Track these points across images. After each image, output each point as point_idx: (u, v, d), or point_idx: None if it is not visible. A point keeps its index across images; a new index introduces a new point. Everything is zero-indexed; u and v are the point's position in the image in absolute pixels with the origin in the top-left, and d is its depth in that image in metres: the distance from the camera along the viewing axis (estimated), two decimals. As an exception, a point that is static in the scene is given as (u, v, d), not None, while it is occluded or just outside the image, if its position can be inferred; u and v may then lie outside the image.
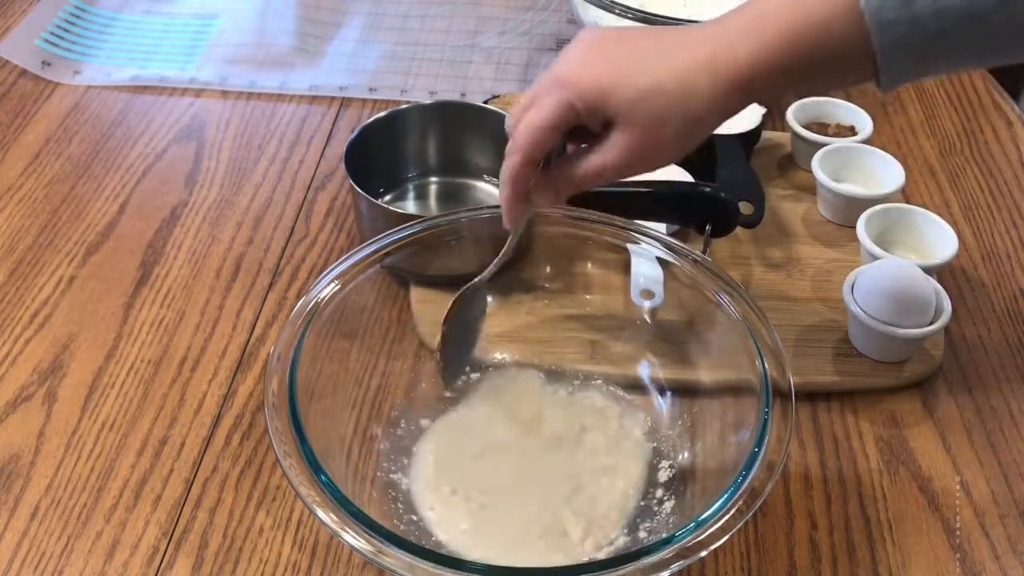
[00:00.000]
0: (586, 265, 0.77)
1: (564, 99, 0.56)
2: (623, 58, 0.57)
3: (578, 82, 0.56)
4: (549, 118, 0.57)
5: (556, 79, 0.57)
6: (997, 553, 0.65)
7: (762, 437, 0.57)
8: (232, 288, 0.83)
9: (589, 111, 0.56)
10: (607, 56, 0.57)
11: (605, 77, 0.56)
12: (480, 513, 0.65)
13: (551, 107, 0.57)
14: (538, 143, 0.58)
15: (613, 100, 0.56)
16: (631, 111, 0.56)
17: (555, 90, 0.57)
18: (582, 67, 0.57)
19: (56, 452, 0.70)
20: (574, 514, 0.64)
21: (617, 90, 0.55)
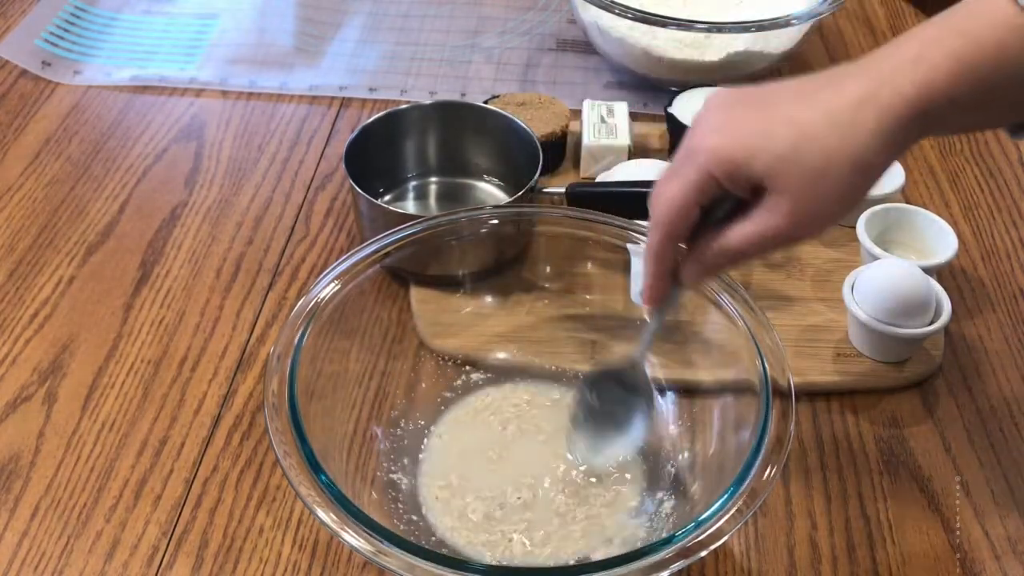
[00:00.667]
0: (586, 265, 0.77)
1: (701, 169, 0.51)
2: (760, 113, 0.50)
3: (713, 148, 0.50)
4: (686, 192, 0.51)
5: (689, 148, 0.52)
6: (997, 553, 0.65)
7: (762, 437, 0.57)
8: (232, 288, 0.83)
9: (730, 178, 0.51)
10: (741, 114, 0.51)
11: (744, 138, 0.50)
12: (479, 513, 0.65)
13: (687, 180, 0.51)
14: (677, 219, 0.53)
15: (757, 162, 0.49)
16: (782, 170, 0.49)
17: (690, 160, 0.51)
18: (716, 131, 0.51)
19: (56, 452, 0.70)
20: (573, 514, 0.64)
21: (760, 149, 0.49)
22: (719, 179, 0.50)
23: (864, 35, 1.17)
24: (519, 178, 0.84)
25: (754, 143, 0.49)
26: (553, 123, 0.91)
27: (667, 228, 0.53)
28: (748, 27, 0.97)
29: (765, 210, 0.51)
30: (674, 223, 0.53)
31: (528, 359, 0.75)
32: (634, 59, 1.03)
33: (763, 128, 0.50)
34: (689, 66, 1.01)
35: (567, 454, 0.67)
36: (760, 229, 0.51)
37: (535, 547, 0.63)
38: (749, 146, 0.49)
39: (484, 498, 0.65)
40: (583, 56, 1.12)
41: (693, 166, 0.51)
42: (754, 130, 0.50)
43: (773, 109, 0.50)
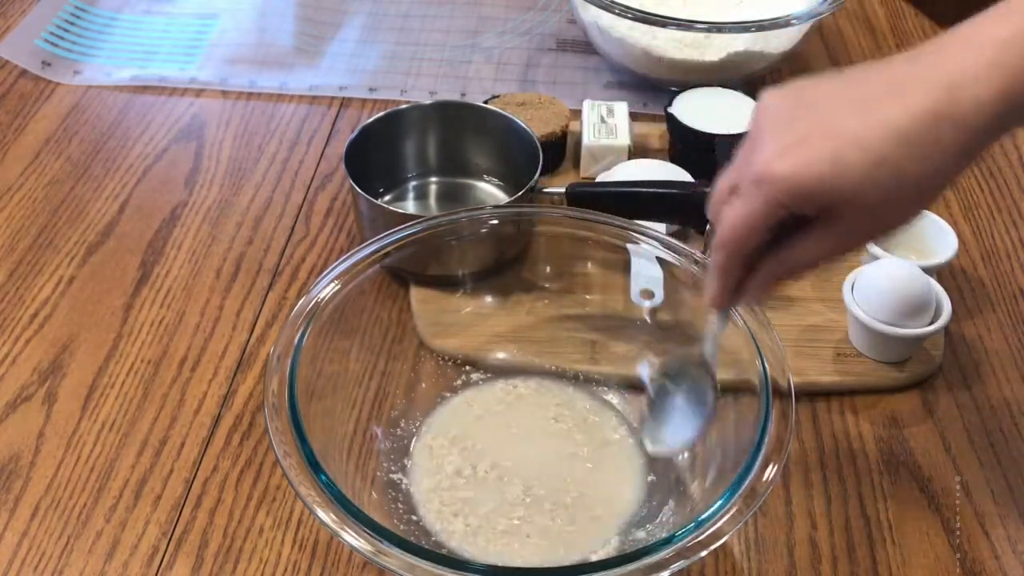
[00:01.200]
0: (586, 265, 0.77)
1: (771, 199, 0.49)
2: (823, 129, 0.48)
3: (784, 177, 0.48)
4: (754, 218, 0.50)
5: (758, 175, 0.49)
6: (997, 553, 0.65)
7: (762, 437, 0.57)
8: (232, 288, 0.83)
9: (800, 207, 0.49)
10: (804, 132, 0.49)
11: (817, 164, 0.47)
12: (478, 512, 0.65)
13: (756, 207, 0.50)
14: (744, 242, 0.52)
15: (830, 192, 0.48)
16: (854, 197, 0.48)
17: (760, 187, 0.49)
18: (781, 155, 0.48)
19: (56, 452, 0.70)
20: (573, 514, 0.64)
21: (832, 179, 0.47)
22: (789, 206, 0.49)
23: (864, 35, 1.17)
24: (519, 178, 0.84)
25: (826, 172, 0.47)
26: (553, 123, 0.91)
27: (733, 249, 0.52)
28: (748, 27, 0.97)
29: (832, 230, 0.50)
30: (741, 246, 0.52)
31: (528, 359, 0.75)
32: (634, 59, 1.03)
33: (832, 153, 0.47)
34: (689, 66, 1.01)
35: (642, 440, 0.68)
36: (826, 246, 0.51)
37: (535, 547, 0.63)
38: (820, 175, 0.47)
39: (484, 498, 0.65)
40: (583, 56, 1.12)
41: (761, 193, 0.49)
42: (823, 156, 0.48)
43: (837, 124, 0.48)
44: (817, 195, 0.48)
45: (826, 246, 0.51)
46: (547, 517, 0.64)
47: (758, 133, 0.51)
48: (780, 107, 0.51)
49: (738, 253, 0.52)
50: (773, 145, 0.49)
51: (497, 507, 0.65)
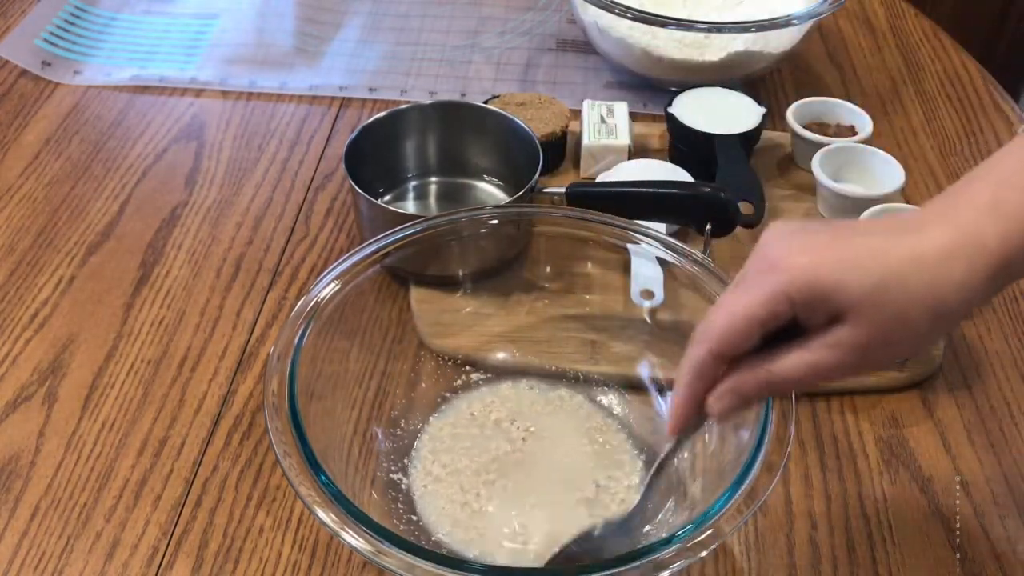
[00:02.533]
0: (586, 265, 0.77)
1: (780, 288, 0.46)
2: (843, 241, 0.47)
3: (801, 268, 0.46)
4: (757, 308, 0.47)
5: (771, 264, 0.47)
6: (997, 553, 0.65)
7: (762, 437, 0.57)
8: (232, 288, 0.83)
9: (809, 305, 0.46)
10: (823, 239, 0.47)
11: (832, 264, 0.46)
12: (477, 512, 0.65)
13: (763, 296, 0.47)
14: (736, 335, 0.48)
15: (844, 293, 0.45)
16: (866, 305, 0.45)
17: (769, 276, 0.47)
18: (801, 251, 0.47)
19: (56, 452, 0.70)
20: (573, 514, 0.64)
21: (849, 280, 0.45)
22: (796, 303, 0.46)
23: (864, 35, 1.17)
24: (519, 178, 0.84)
25: (844, 271, 0.46)
26: (553, 123, 0.91)
27: (721, 344, 0.48)
28: (748, 27, 0.97)
29: (833, 343, 0.47)
30: (730, 338, 0.48)
31: (528, 359, 0.75)
32: (634, 59, 1.03)
33: (849, 257, 0.46)
34: (689, 66, 1.01)
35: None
36: (822, 362, 0.47)
37: (535, 547, 0.63)
38: (839, 273, 0.46)
39: (484, 498, 0.65)
40: (583, 56, 1.12)
41: (770, 283, 0.47)
42: (843, 257, 0.46)
43: (855, 239, 0.47)
44: (829, 293, 0.46)
45: (821, 360, 0.47)
46: (547, 517, 0.64)
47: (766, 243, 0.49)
48: (790, 227, 0.49)
49: (724, 346, 0.48)
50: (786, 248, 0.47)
51: (497, 507, 0.65)
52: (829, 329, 0.47)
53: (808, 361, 0.47)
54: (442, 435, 0.70)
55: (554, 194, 0.84)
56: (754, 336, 0.48)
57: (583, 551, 0.59)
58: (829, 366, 0.47)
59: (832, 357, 0.47)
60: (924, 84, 1.09)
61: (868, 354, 0.47)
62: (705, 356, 0.49)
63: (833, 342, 0.47)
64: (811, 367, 0.47)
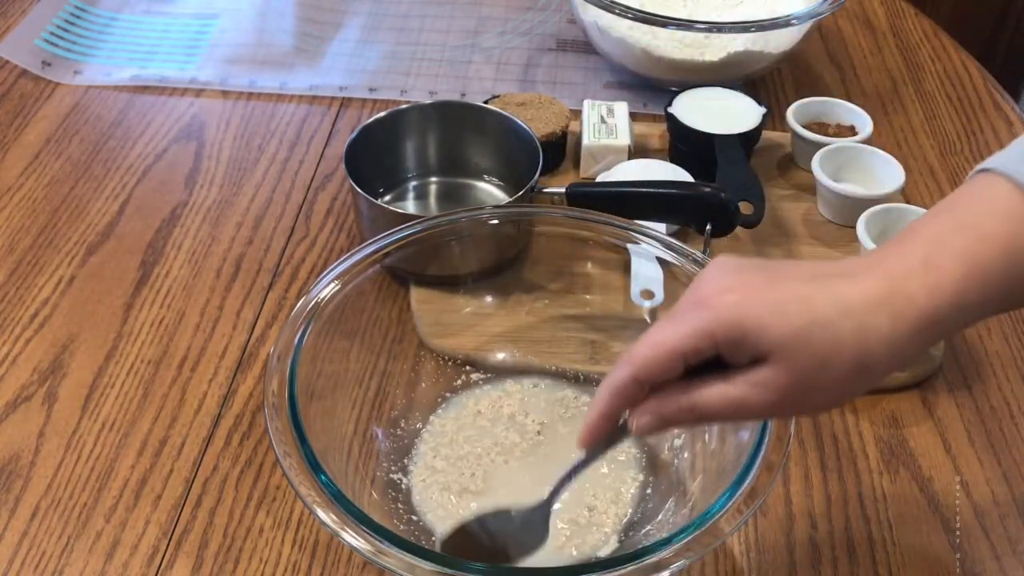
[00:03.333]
0: (586, 265, 0.77)
1: (704, 325, 0.47)
2: (774, 284, 0.48)
3: (726, 307, 0.47)
4: (680, 341, 0.47)
5: (700, 299, 0.48)
6: (997, 553, 0.65)
7: (762, 437, 0.57)
8: (232, 288, 0.83)
9: (734, 344, 0.47)
10: (755, 279, 0.48)
11: (759, 306, 0.46)
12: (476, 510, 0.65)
13: (686, 330, 0.47)
14: (659, 365, 0.48)
15: (767, 334, 0.46)
16: (788, 349, 0.46)
17: (696, 311, 0.48)
18: (729, 291, 0.47)
19: (56, 452, 0.70)
20: (573, 514, 0.64)
21: (773, 323, 0.46)
22: (719, 340, 0.47)
23: (864, 35, 1.17)
24: (519, 178, 0.84)
25: (768, 314, 0.46)
26: (553, 123, 0.91)
27: (643, 371, 0.49)
28: (748, 27, 0.97)
29: (756, 382, 0.47)
30: (653, 370, 0.48)
31: (528, 359, 0.75)
32: (634, 59, 1.03)
33: (778, 300, 0.47)
34: (689, 66, 1.01)
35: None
36: (743, 398, 0.47)
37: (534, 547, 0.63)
38: (762, 316, 0.46)
39: (484, 498, 0.65)
40: (583, 56, 1.12)
41: (697, 319, 0.47)
42: (769, 300, 0.47)
43: (786, 283, 0.48)
44: (752, 334, 0.46)
45: (742, 396, 0.47)
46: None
47: (701, 280, 0.50)
48: (738, 263, 0.50)
49: (645, 374, 0.49)
50: (716, 286, 0.48)
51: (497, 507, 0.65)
52: (752, 368, 0.47)
53: (729, 396, 0.48)
54: (445, 430, 0.70)
55: (554, 194, 0.84)
56: (676, 367, 0.48)
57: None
58: (749, 403, 0.47)
59: (752, 395, 0.47)
60: (924, 84, 1.09)
61: (789, 396, 0.47)
62: (627, 379, 0.49)
63: (755, 381, 0.47)
64: (731, 402, 0.48)
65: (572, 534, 0.63)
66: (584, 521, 0.64)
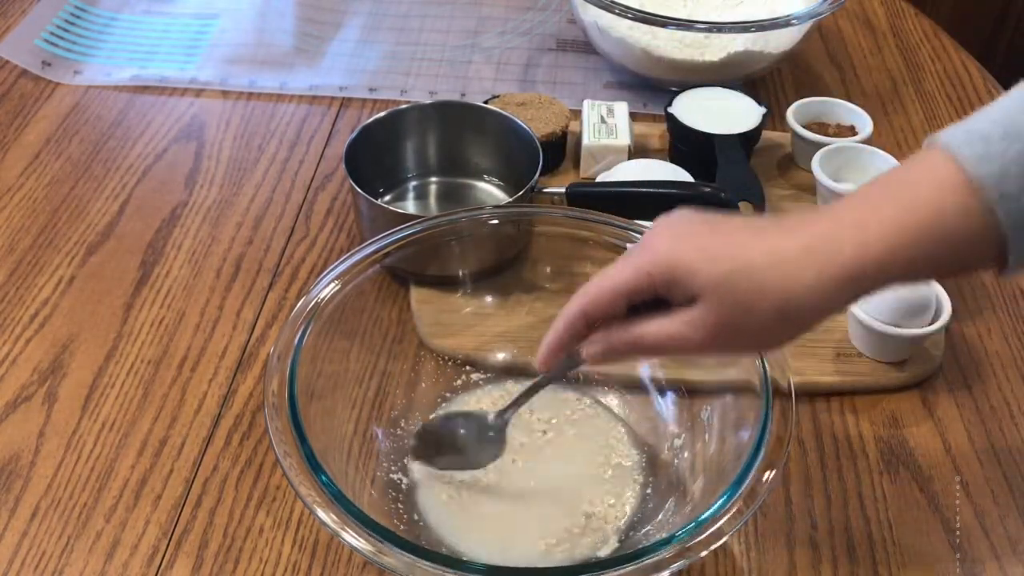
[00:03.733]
0: (586, 265, 0.77)
1: (642, 266, 0.53)
2: (714, 235, 0.52)
3: (662, 252, 0.52)
4: (621, 281, 0.53)
5: (644, 243, 0.54)
6: (997, 553, 0.65)
7: (762, 437, 0.57)
8: (232, 288, 0.83)
9: (667, 284, 0.52)
10: (696, 232, 0.53)
11: (693, 252, 0.51)
12: (477, 510, 0.65)
13: (626, 271, 0.53)
14: (600, 302, 0.54)
15: (696, 277, 0.51)
16: (717, 290, 0.50)
17: (637, 254, 0.53)
18: (670, 239, 0.53)
19: (56, 452, 0.70)
20: (572, 514, 0.64)
21: (701, 266, 0.51)
22: (655, 281, 0.52)
23: (864, 35, 1.17)
24: (519, 178, 0.84)
25: (696, 261, 0.51)
26: (553, 123, 0.91)
27: (589, 306, 0.54)
28: (748, 27, 0.97)
29: (688, 320, 0.52)
30: (597, 304, 0.54)
31: (528, 359, 0.74)
32: (634, 59, 1.03)
33: (709, 247, 0.51)
34: (689, 66, 1.01)
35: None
36: (677, 333, 0.52)
37: (534, 547, 0.63)
38: (693, 260, 0.51)
39: (484, 498, 0.65)
40: (583, 56, 1.12)
41: (638, 260, 0.53)
42: (702, 246, 0.52)
43: (724, 236, 0.52)
44: (682, 275, 0.51)
45: (677, 332, 0.52)
46: (547, 517, 0.64)
47: (660, 223, 0.55)
48: (690, 215, 0.54)
49: (591, 313, 0.54)
50: (663, 233, 0.53)
51: (497, 507, 0.65)
52: (687, 307, 0.52)
53: (667, 331, 0.53)
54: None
55: (554, 194, 0.84)
56: (619, 304, 0.54)
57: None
58: (683, 338, 0.52)
59: (686, 331, 0.52)
60: (924, 84, 1.09)
61: (718, 336, 0.51)
62: (577, 313, 0.55)
63: (687, 319, 0.52)
64: (669, 337, 0.53)
65: (572, 534, 0.63)
66: (584, 521, 0.64)
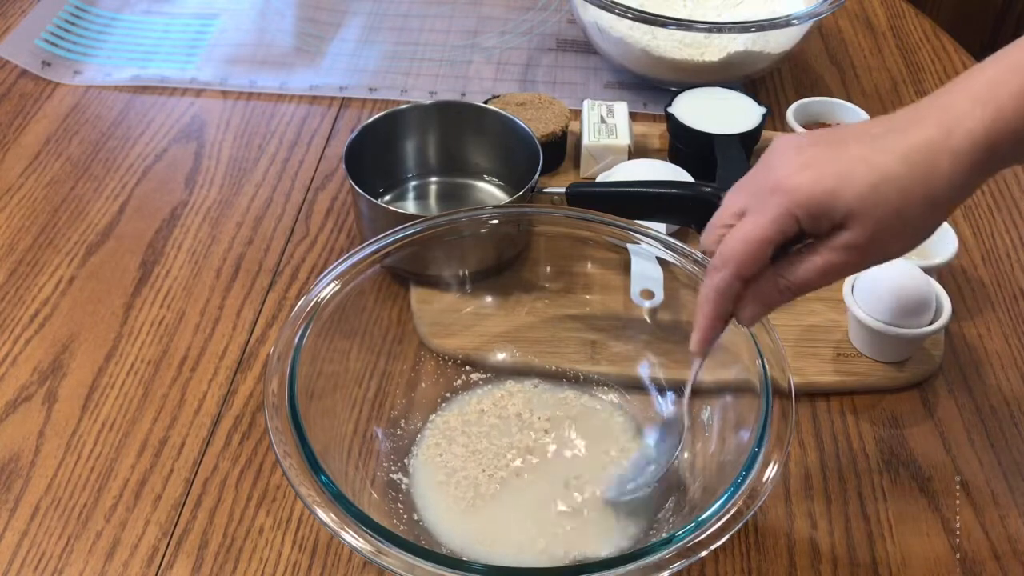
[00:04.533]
0: (586, 265, 0.77)
1: (784, 209, 0.51)
2: (840, 153, 0.51)
3: (799, 187, 0.51)
4: (769, 230, 0.51)
5: (773, 185, 0.52)
6: (997, 553, 0.65)
7: (762, 437, 0.57)
8: (232, 288, 0.83)
9: (814, 219, 0.51)
10: (822, 153, 0.52)
11: (828, 179, 0.50)
12: (476, 510, 0.65)
13: (771, 218, 0.51)
14: (754, 258, 0.52)
15: (841, 202, 0.50)
16: (863, 209, 0.50)
17: (773, 198, 0.51)
18: (799, 170, 0.51)
19: (56, 452, 0.70)
20: (572, 513, 0.64)
21: (844, 190, 0.50)
22: (800, 219, 0.51)
23: (864, 35, 1.17)
24: (519, 178, 0.84)
25: (836, 184, 0.50)
26: (553, 123, 0.91)
27: (740, 266, 0.53)
28: (748, 27, 0.97)
29: (840, 246, 0.51)
30: (749, 262, 0.53)
31: (528, 359, 0.75)
32: (634, 59, 1.03)
33: (843, 169, 0.50)
34: (689, 66, 1.01)
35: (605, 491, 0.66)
36: (832, 264, 0.52)
37: (534, 547, 0.63)
38: (831, 187, 0.50)
39: (484, 498, 0.65)
40: (583, 56, 1.12)
41: (774, 205, 0.51)
42: (834, 171, 0.50)
43: (847, 150, 0.51)
44: (828, 205, 0.50)
45: (829, 261, 0.52)
46: (547, 516, 0.64)
47: (771, 160, 0.53)
48: (791, 142, 0.53)
49: (745, 270, 0.53)
50: (787, 167, 0.52)
51: (497, 507, 0.65)
52: (834, 234, 0.51)
53: (819, 265, 0.52)
54: (442, 435, 0.70)
55: (554, 194, 0.84)
56: (769, 254, 0.53)
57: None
58: (838, 266, 0.52)
59: (840, 258, 0.52)
60: (924, 84, 1.09)
61: (871, 249, 0.51)
62: (730, 280, 0.53)
63: (839, 245, 0.51)
64: (821, 270, 0.52)
65: (572, 534, 0.63)
66: (584, 521, 0.64)
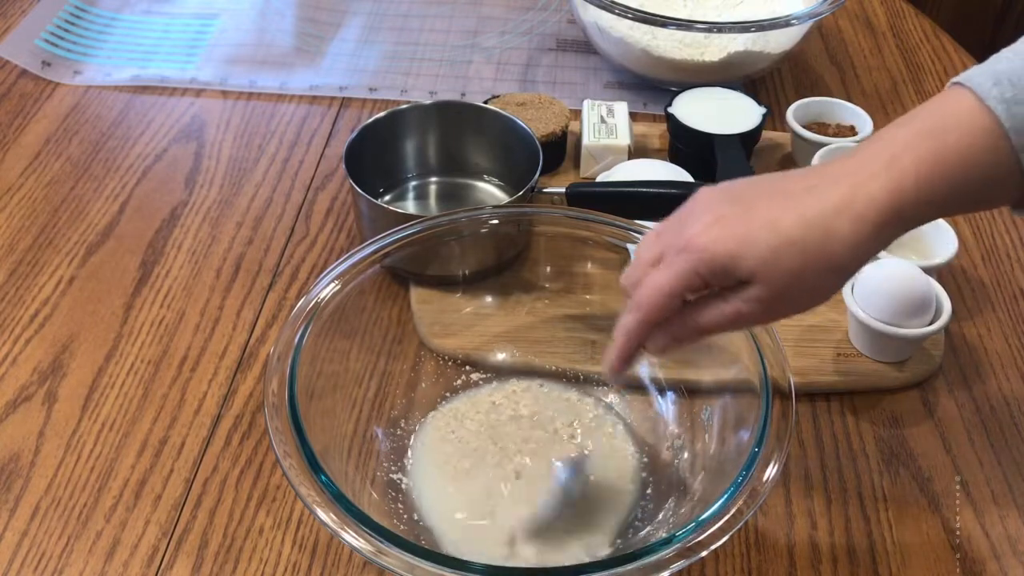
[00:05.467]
0: (586, 265, 0.77)
1: (691, 266, 0.54)
2: (750, 214, 0.54)
3: (704, 248, 0.53)
4: (676, 284, 0.55)
5: (684, 243, 0.54)
6: (997, 553, 0.65)
7: (762, 437, 0.57)
8: (232, 288, 0.83)
9: (717, 277, 0.54)
10: (732, 213, 0.54)
11: (732, 241, 0.53)
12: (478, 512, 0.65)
13: (678, 273, 0.55)
14: (662, 307, 0.56)
15: (743, 264, 0.53)
16: (764, 272, 0.53)
17: (681, 255, 0.55)
18: (706, 230, 0.54)
19: (56, 452, 0.70)
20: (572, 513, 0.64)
21: (746, 254, 0.53)
22: (705, 277, 0.54)
23: (864, 35, 1.17)
24: (519, 178, 0.84)
25: (738, 247, 0.53)
26: (553, 123, 0.91)
27: (649, 314, 0.56)
28: (748, 27, 0.97)
29: (744, 299, 0.54)
30: (656, 310, 0.56)
31: (528, 359, 0.75)
32: (634, 59, 1.03)
33: (748, 231, 0.53)
34: (689, 66, 1.01)
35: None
36: (740, 311, 0.54)
37: (535, 547, 0.63)
38: (733, 250, 0.53)
39: (484, 498, 0.65)
40: (583, 56, 1.12)
41: (681, 261, 0.54)
42: (740, 233, 0.53)
43: (757, 211, 0.53)
44: (730, 267, 0.53)
45: (738, 309, 0.54)
46: (546, 516, 0.64)
47: (688, 214, 0.56)
48: (711, 196, 0.56)
49: (653, 316, 0.56)
50: (697, 225, 0.55)
51: (497, 507, 0.65)
52: (741, 287, 0.54)
53: (727, 313, 0.55)
54: (442, 435, 0.70)
55: (554, 194, 0.84)
56: (676, 304, 0.56)
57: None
58: (746, 315, 0.55)
59: (747, 308, 0.54)
60: (924, 84, 1.09)
61: (774, 306, 0.54)
62: (640, 322, 0.57)
63: (744, 298, 0.54)
64: (730, 318, 0.55)
65: (572, 533, 0.63)
66: (584, 521, 0.64)
